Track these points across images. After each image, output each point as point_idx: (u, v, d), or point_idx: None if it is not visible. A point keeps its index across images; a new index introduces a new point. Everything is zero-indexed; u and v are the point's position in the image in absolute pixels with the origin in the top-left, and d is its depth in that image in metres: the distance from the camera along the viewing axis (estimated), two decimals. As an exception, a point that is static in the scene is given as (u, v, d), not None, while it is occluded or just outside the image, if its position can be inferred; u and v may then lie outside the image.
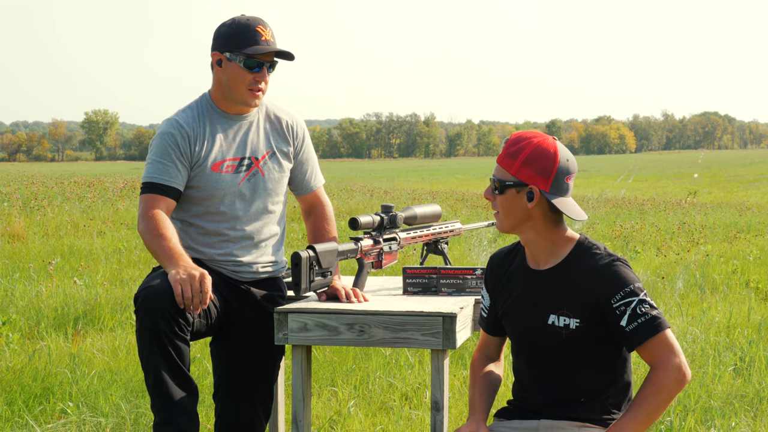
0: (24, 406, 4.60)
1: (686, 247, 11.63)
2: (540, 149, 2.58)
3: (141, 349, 3.08)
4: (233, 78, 3.33)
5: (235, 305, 3.37)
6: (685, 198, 24.09)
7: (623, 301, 2.52)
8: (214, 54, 3.37)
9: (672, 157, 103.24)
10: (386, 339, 3.09)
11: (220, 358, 3.45)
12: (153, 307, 3.03)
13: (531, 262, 2.68)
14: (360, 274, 3.40)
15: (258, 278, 3.42)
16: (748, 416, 4.68)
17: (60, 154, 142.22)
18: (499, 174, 2.63)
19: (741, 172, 45.85)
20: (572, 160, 2.62)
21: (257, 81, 3.33)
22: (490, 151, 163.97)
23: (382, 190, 26.06)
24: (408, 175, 52.29)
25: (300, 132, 3.52)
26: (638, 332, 2.51)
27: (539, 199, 2.58)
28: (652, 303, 2.53)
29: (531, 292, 2.66)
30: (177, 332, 3.06)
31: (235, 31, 3.32)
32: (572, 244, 2.63)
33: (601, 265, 2.56)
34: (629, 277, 2.54)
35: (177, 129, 3.33)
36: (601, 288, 2.53)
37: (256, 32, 3.32)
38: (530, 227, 2.62)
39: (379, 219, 3.44)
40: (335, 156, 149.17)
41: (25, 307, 6.83)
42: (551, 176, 2.57)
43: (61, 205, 15.81)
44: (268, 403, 3.46)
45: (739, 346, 5.96)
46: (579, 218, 2.57)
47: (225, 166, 3.35)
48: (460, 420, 4.67)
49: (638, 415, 2.47)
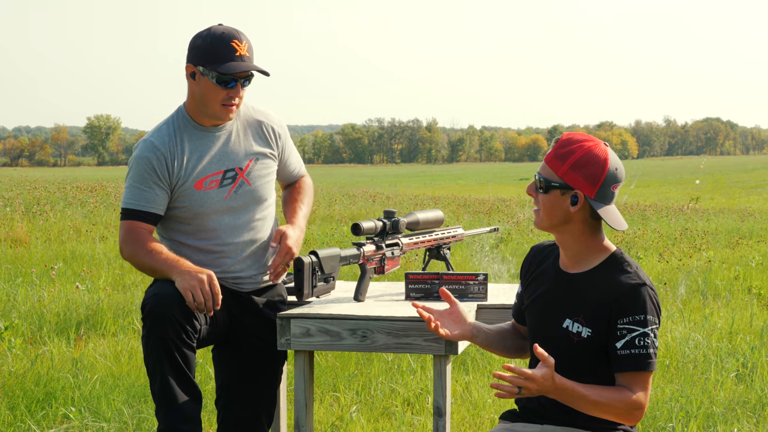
0: (26, 411, 4.60)
1: (688, 252, 11.62)
2: (590, 155, 2.55)
3: (147, 355, 3.08)
4: (206, 93, 3.25)
5: (237, 313, 3.35)
6: (687, 204, 24.06)
7: (629, 326, 2.50)
8: (188, 66, 3.28)
9: (674, 162, 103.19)
10: (389, 344, 3.10)
11: (222, 364, 3.44)
12: (161, 315, 3.03)
13: (563, 263, 2.67)
14: (362, 280, 3.40)
15: (259, 287, 3.42)
16: (750, 422, 4.67)
17: (62, 159, 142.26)
18: (546, 173, 2.59)
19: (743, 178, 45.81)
20: (621, 168, 2.59)
21: (231, 97, 3.26)
22: (492, 157, 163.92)
23: (385, 195, 26.07)
24: (410, 180, 52.30)
25: (279, 131, 3.47)
26: (626, 360, 2.49)
27: (583, 204, 2.56)
28: (655, 342, 2.51)
29: (555, 292, 2.66)
30: (185, 340, 3.06)
31: (209, 44, 3.23)
32: (606, 254, 2.60)
33: (626, 284, 2.52)
34: (647, 306, 2.50)
35: (152, 152, 3.25)
36: (617, 305, 2.51)
37: (231, 47, 3.22)
38: (568, 230, 2.60)
39: (382, 224, 3.44)
40: (337, 161, 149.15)
41: (28, 312, 6.83)
42: (599, 183, 2.54)
43: (63, 210, 15.82)
44: (271, 410, 3.45)
45: (742, 352, 5.96)
46: (620, 228, 2.55)
47: (208, 182, 3.29)
48: (462, 425, 4.67)
49: (589, 396, 2.47)
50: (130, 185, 3.27)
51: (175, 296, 3.04)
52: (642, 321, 2.49)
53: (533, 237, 12.87)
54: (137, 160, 3.27)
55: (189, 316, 3.07)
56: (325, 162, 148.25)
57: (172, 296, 3.04)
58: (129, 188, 3.28)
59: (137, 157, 3.28)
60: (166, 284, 3.10)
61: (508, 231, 13.98)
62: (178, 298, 3.03)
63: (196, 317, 3.11)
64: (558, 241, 2.66)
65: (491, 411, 4.83)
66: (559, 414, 2.62)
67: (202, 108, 3.29)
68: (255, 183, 3.36)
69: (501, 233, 13.26)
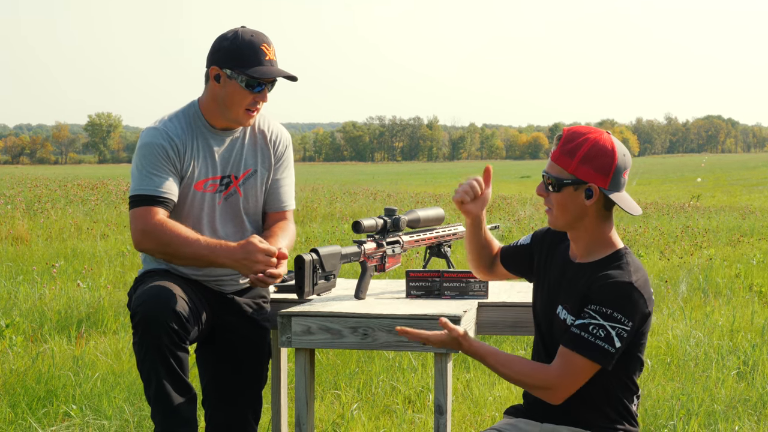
0: (27, 409, 4.61)
1: (689, 250, 11.61)
2: (598, 146, 2.53)
3: (141, 361, 3.06)
4: (231, 96, 3.20)
5: (219, 312, 3.34)
6: (688, 201, 24.05)
7: (593, 312, 2.47)
8: (212, 68, 3.22)
9: (675, 160, 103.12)
10: (390, 342, 3.09)
11: (206, 364, 3.42)
12: (154, 321, 3.01)
13: (572, 252, 2.67)
14: (363, 278, 3.40)
15: (241, 288, 3.40)
16: (751, 420, 4.67)
17: (63, 156, 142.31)
18: (555, 171, 2.57)
19: (744, 176, 45.78)
20: (628, 154, 2.59)
21: (257, 101, 3.23)
22: (493, 155, 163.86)
23: (385, 193, 26.06)
24: (411, 178, 52.26)
25: (282, 146, 3.42)
26: (570, 337, 2.49)
27: (598, 196, 2.55)
28: (614, 340, 2.45)
29: (558, 279, 2.66)
30: (178, 343, 3.05)
31: (237, 47, 3.17)
32: (612, 249, 2.59)
33: (612, 277, 2.50)
34: (621, 304, 2.46)
35: (167, 141, 3.20)
36: (594, 293, 2.50)
37: (261, 51, 3.18)
38: (583, 225, 2.59)
39: (383, 222, 3.43)
40: (338, 159, 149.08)
41: (29, 310, 6.83)
42: (610, 173, 2.53)
43: (64, 208, 15.82)
44: (257, 407, 3.44)
45: (743, 350, 5.95)
46: (634, 212, 2.54)
47: (208, 184, 3.28)
48: (463, 423, 4.67)
49: (497, 366, 2.54)
50: (143, 172, 3.17)
51: (165, 300, 3.01)
52: (607, 315, 2.46)
53: (534, 235, 12.85)
54: (150, 147, 3.18)
55: (181, 320, 3.05)
56: (326, 160, 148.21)
57: (162, 301, 3.01)
58: (141, 175, 3.17)
59: (149, 144, 3.19)
60: (154, 288, 3.06)
61: (509, 229, 13.98)
62: (168, 301, 3.01)
63: (188, 319, 3.08)
64: (572, 237, 2.65)
65: (492, 409, 4.83)
66: (561, 414, 2.62)
67: (224, 111, 3.24)
68: (245, 195, 3.35)
69: (502, 231, 13.27)
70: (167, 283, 3.13)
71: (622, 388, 2.60)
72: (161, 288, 3.07)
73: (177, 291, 3.11)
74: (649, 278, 2.59)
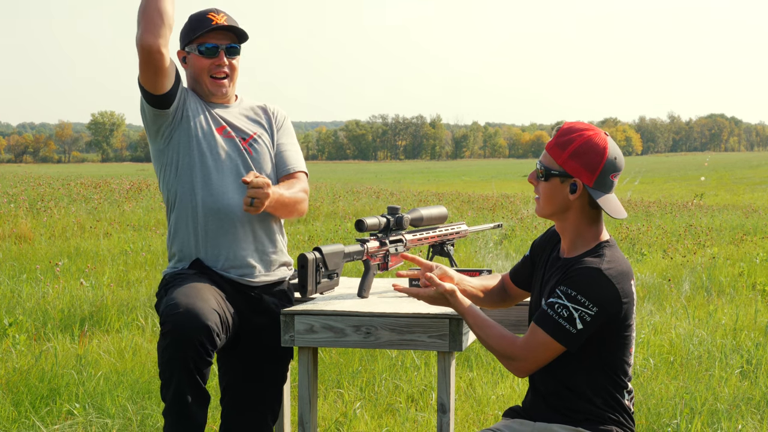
0: (31, 407, 4.61)
1: (693, 249, 11.61)
2: (590, 143, 2.57)
3: (164, 364, 3.02)
4: (195, 68, 3.36)
5: (247, 314, 3.32)
6: (691, 200, 24.04)
7: (560, 293, 2.52)
8: (178, 53, 3.40)
9: (678, 159, 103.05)
10: (393, 341, 3.09)
11: (227, 365, 3.40)
12: (183, 336, 2.96)
13: (561, 249, 2.70)
14: (366, 276, 3.40)
15: (268, 282, 3.38)
16: (754, 419, 4.67)
17: (66, 155, 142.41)
18: (546, 161, 2.63)
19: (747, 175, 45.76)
20: (620, 158, 2.61)
21: (217, 66, 3.33)
22: (496, 153, 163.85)
23: (388, 191, 26.06)
24: (414, 176, 52.29)
25: (281, 116, 3.52)
26: (539, 314, 2.55)
27: (581, 192, 2.58)
28: (574, 320, 2.49)
29: (547, 276, 2.70)
30: (204, 357, 3.00)
31: (188, 24, 3.36)
32: (595, 243, 2.62)
33: (584, 266, 2.53)
34: (586, 289, 2.50)
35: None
36: (566, 277, 2.54)
37: (207, 19, 3.33)
38: (567, 218, 2.63)
39: (386, 221, 3.43)
40: (341, 158, 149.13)
41: (32, 309, 6.84)
42: (597, 171, 2.57)
43: (67, 207, 15.83)
44: (276, 408, 3.43)
45: (746, 348, 5.95)
46: (619, 216, 2.56)
47: (227, 131, 3.37)
48: (466, 422, 4.67)
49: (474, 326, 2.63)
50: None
51: (196, 314, 2.97)
52: (571, 297, 2.51)
53: (537, 233, 12.86)
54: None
55: (211, 334, 3.00)
56: (329, 158, 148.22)
57: (193, 315, 2.97)
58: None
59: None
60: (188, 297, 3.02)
61: (512, 227, 13.97)
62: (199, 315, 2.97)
63: (218, 333, 3.04)
64: (558, 229, 2.70)
65: (495, 408, 4.83)
66: (554, 414, 2.64)
67: (199, 88, 3.37)
68: (255, 156, 3.39)
69: (505, 230, 13.26)
70: (199, 290, 3.10)
71: (610, 382, 2.61)
72: (194, 298, 3.03)
73: (210, 302, 3.06)
74: (630, 273, 2.60)
